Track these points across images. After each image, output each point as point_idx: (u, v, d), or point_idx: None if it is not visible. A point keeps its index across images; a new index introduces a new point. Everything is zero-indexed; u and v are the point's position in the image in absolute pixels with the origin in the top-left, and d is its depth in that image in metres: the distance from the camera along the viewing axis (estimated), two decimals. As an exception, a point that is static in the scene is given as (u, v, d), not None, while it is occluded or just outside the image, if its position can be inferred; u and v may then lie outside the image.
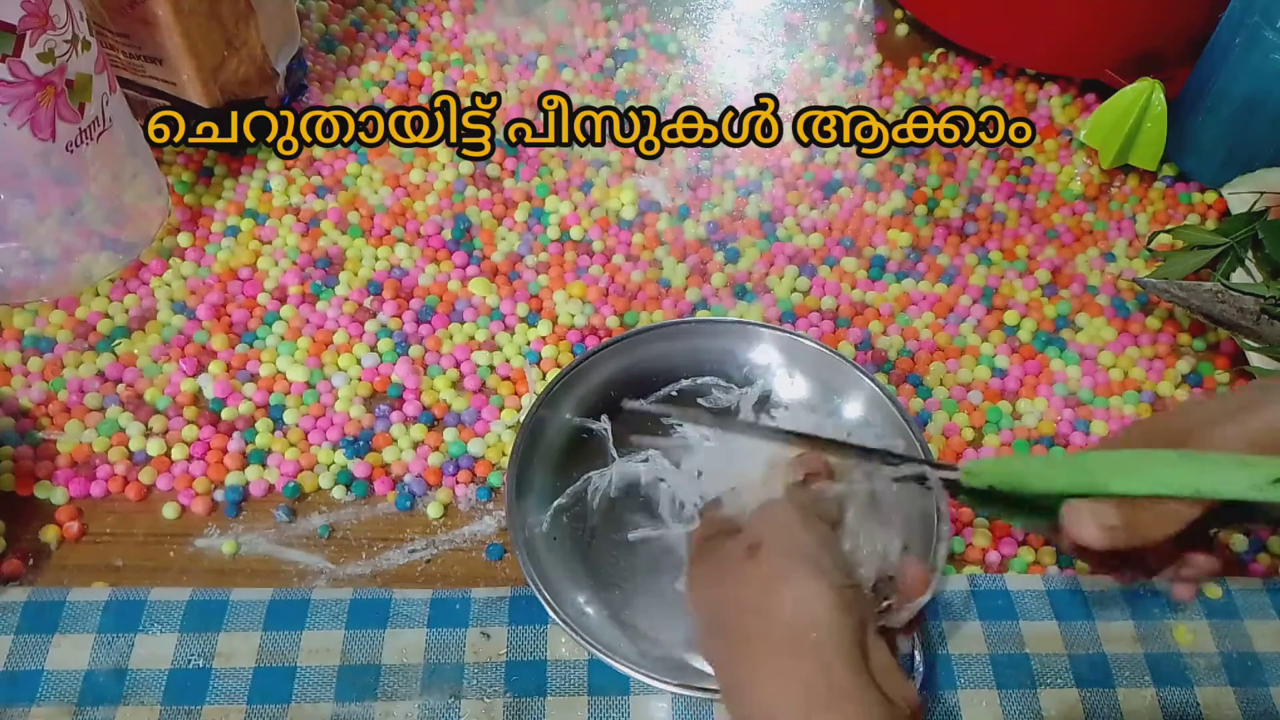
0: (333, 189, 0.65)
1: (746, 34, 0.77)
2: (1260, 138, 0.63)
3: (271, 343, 0.58)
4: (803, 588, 0.34)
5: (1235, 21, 0.60)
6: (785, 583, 0.34)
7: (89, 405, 0.54)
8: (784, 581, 0.34)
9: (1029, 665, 0.48)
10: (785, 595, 0.34)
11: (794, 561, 0.35)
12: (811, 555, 0.36)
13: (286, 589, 0.49)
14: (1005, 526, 0.52)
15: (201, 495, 0.51)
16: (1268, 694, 0.47)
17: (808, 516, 0.38)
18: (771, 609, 0.34)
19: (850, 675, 0.32)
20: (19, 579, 0.49)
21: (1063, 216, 0.67)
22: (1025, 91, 0.74)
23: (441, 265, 0.62)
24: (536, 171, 0.67)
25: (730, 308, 0.61)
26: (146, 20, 0.56)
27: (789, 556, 0.35)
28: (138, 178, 0.58)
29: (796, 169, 0.68)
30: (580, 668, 0.46)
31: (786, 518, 0.38)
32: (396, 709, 0.45)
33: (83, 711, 0.44)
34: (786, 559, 0.35)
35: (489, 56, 0.73)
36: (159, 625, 0.47)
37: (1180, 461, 0.36)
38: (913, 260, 0.64)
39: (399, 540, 0.51)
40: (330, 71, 0.71)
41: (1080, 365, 0.59)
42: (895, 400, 0.52)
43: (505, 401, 0.56)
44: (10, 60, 0.47)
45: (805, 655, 0.32)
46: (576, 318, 0.59)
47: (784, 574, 0.35)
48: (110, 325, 0.58)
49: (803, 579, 0.34)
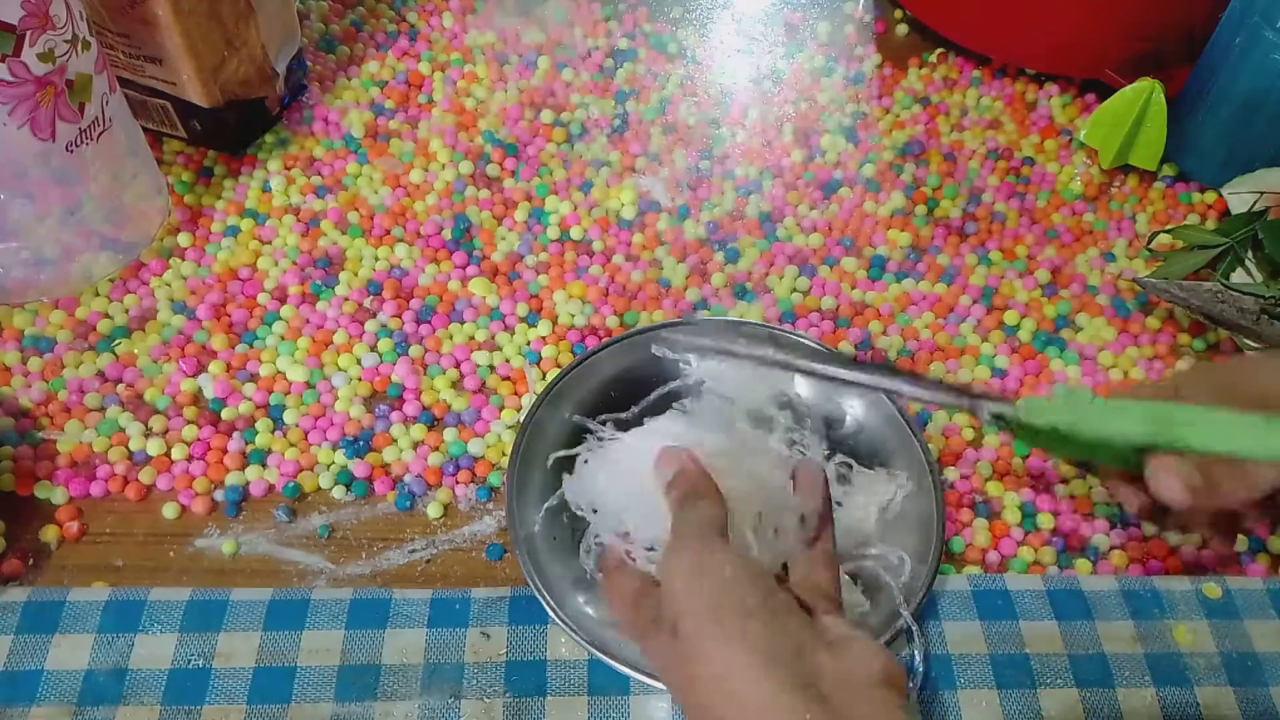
0: (333, 189, 0.65)
1: (746, 34, 0.77)
2: (1260, 138, 0.63)
3: (271, 343, 0.58)
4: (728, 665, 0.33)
5: (1235, 21, 0.61)
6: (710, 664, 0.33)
7: (89, 405, 0.54)
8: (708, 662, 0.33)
9: (1029, 665, 0.47)
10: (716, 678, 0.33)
11: (710, 634, 0.33)
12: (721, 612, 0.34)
13: (286, 589, 0.49)
14: (1005, 526, 0.52)
15: (201, 495, 0.51)
16: (1268, 694, 0.47)
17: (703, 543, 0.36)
18: (708, 694, 0.33)
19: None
20: (19, 579, 0.49)
21: (1063, 216, 0.67)
22: (1025, 91, 0.74)
23: (441, 265, 0.62)
24: (536, 171, 0.67)
25: (730, 308, 0.61)
26: (146, 20, 0.56)
27: (703, 628, 0.34)
28: (138, 178, 0.58)
29: (796, 169, 0.68)
30: (580, 668, 0.46)
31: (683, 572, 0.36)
32: (396, 709, 0.45)
33: (83, 711, 0.44)
34: (703, 633, 0.34)
35: (489, 56, 0.73)
36: (159, 625, 0.47)
37: (1267, 426, 0.35)
38: (913, 260, 0.64)
39: (399, 540, 0.51)
40: (330, 71, 0.71)
41: (1080, 365, 0.59)
42: (895, 400, 0.52)
43: (505, 401, 0.56)
44: (10, 60, 0.47)
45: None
46: (576, 318, 0.59)
47: (707, 652, 0.33)
48: (110, 325, 0.58)
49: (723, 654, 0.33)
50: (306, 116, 0.68)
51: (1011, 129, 0.72)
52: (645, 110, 0.71)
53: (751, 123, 0.71)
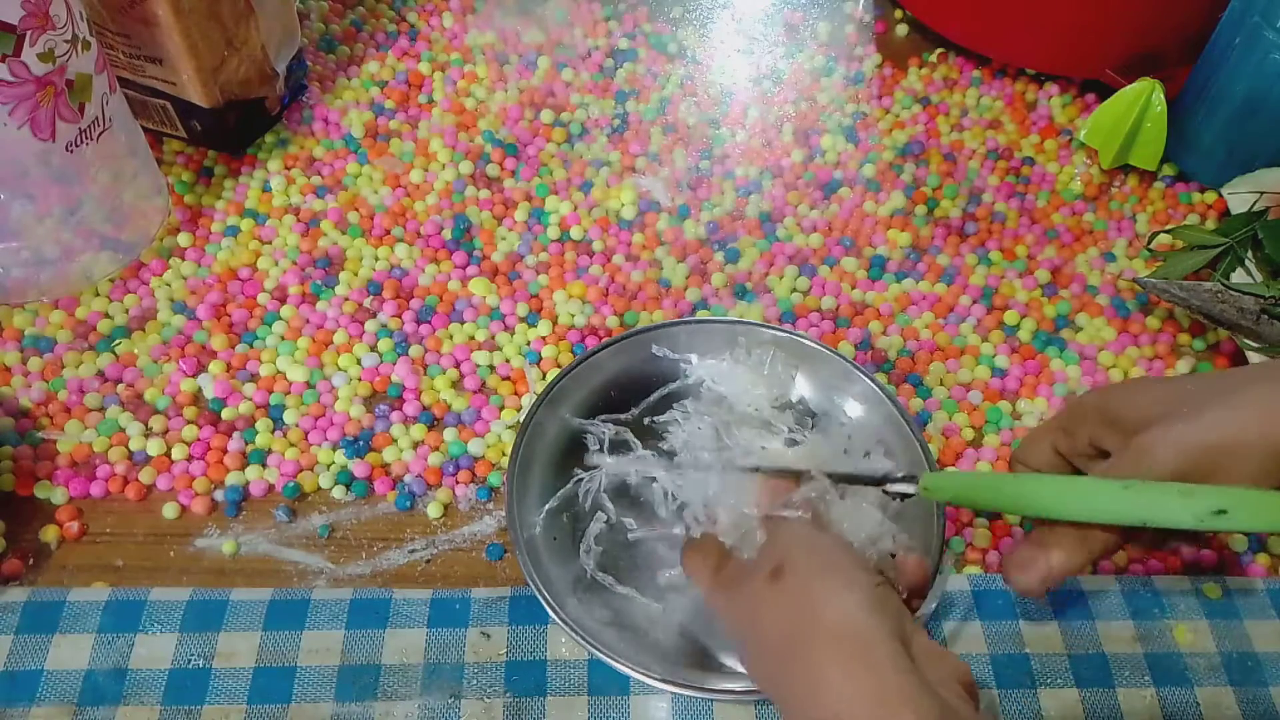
0: (333, 189, 0.65)
1: (746, 34, 0.77)
2: (1260, 138, 0.63)
3: (271, 343, 0.58)
4: (837, 601, 0.34)
5: (1235, 21, 0.60)
6: (819, 600, 0.34)
7: (89, 405, 0.54)
8: (817, 599, 0.35)
9: (1029, 665, 0.48)
10: (822, 613, 0.34)
11: (821, 577, 0.35)
12: (834, 565, 0.36)
13: (286, 589, 0.49)
14: (1005, 526, 0.52)
15: (201, 495, 0.51)
16: (1268, 694, 0.47)
17: (817, 525, 0.39)
18: (812, 629, 0.34)
19: (900, 676, 0.32)
20: (19, 579, 0.49)
21: (1063, 216, 0.67)
22: (1025, 91, 0.74)
23: (441, 265, 0.62)
24: (536, 171, 0.67)
25: (730, 308, 0.61)
26: (146, 20, 0.56)
27: (814, 573, 0.36)
28: (138, 178, 0.58)
29: (796, 169, 0.68)
30: (580, 668, 0.46)
31: (798, 532, 0.38)
32: (396, 709, 0.45)
33: (83, 711, 0.44)
34: (813, 577, 0.36)
35: (489, 56, 0.73)
36: (159, 625, 0.47)
37: (1124, 492, 0.37)
38: (913, 260, 0.64)
39: (399, 540, 0.51)
40: (330, 71, 0.71)
41: (1080, 365, 0.59)
42: (895, 400, 0.52)
43: (505, 401, 0.56)
44: (10, 60, 0.47)
45: (855, 666, 0.33)
46: (576, 318, 0.59)
47: (815, 592, 0.35)
48: (110, 325, 0.58)
49: (834, 592, 0.34)
50: (306, 116, 0.68)
51: (1011, 129, 0.72)
52: (645, 110, 0.71)
53: (751, 123, 0.71)
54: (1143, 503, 0.37)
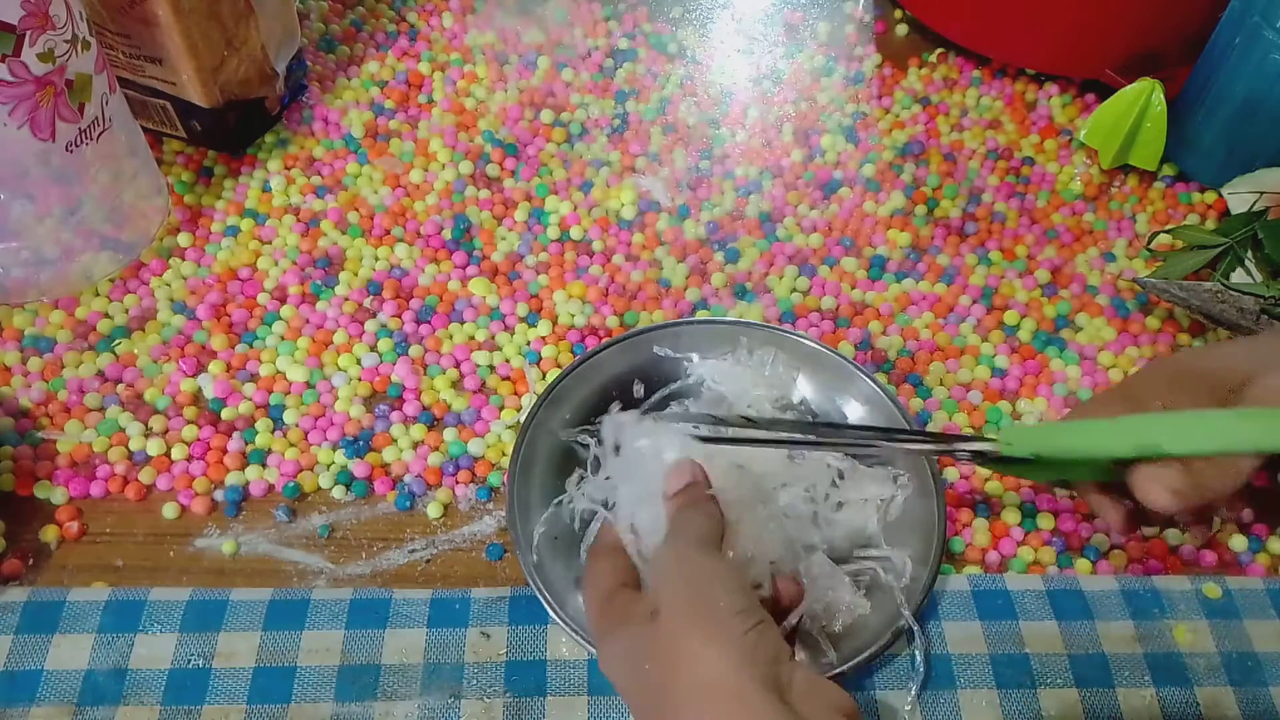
0: (333, 189, 0.65)
1: (746, 34, 0.77)
2: (1260, 138, 0.63)
3: (271, 343, 0.58)
4: (705, 655, 0.33)
5: (1235, 21, 0.61)
6: (688, 653, 0.34)
7: (89, 405, 0.54)
8: (685, 651, 0.34)
9: (1029, 665, 0.48)
10: (694, 665, 0.33)
11: (691, 625, 0.34)
12: (706, 608, 0.34)
13: (286, 589, 0.49)
14: (1005, 526, 0.52)
15: (201, 495, 0.51)
16: (1268, 694, 0.47)
17: (699, 549, 0.37)
18: (679, 682, 0.33)
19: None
20: (19, 579, 0.49)
21: (1063, 216, 0.67)
22: (1025, 91, 0.74)
23: (441, 265, 0.62)
24: (536, 171, 0.67)
25: (730, 308, 0.61)
26: (146, 20, 0.56)
27: (685, 619, 0.34)
28: (138, 178, 0.58)
29: (796, 169, 0.68)
30: (580, 668, 0.46)
31: (676, 566, 0.37)
32: (396, 709, 0.45)
33: (83, 711, 0.44)
34: (683, 624, 0.34)
35: (489, 56, 0.73)
36: (159, 625, 0.47)
37: (1237, 420, 0.36)
38: (913, 260, 0.64)
39: (399, 540, 0.51)
40: (330, 71, 0.71)
41: (1080, 365, 0.59)
42: (895, 400, 0.52)
43: (505, 401, 0.56)
44: (10, 60, 0.47)
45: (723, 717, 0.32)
46: (576, 318, 0.59)
47: (683, 644, 0.34)
48: (110, 325, 0.58)
49: (702, 645, 0.33)
50: (306, 116, 0.68)
51: (1011, 129, 0.72)
52: (645, 110, 0.71)
53: (751, 123, 0.71)
54: (1260, 428, 0.35)
